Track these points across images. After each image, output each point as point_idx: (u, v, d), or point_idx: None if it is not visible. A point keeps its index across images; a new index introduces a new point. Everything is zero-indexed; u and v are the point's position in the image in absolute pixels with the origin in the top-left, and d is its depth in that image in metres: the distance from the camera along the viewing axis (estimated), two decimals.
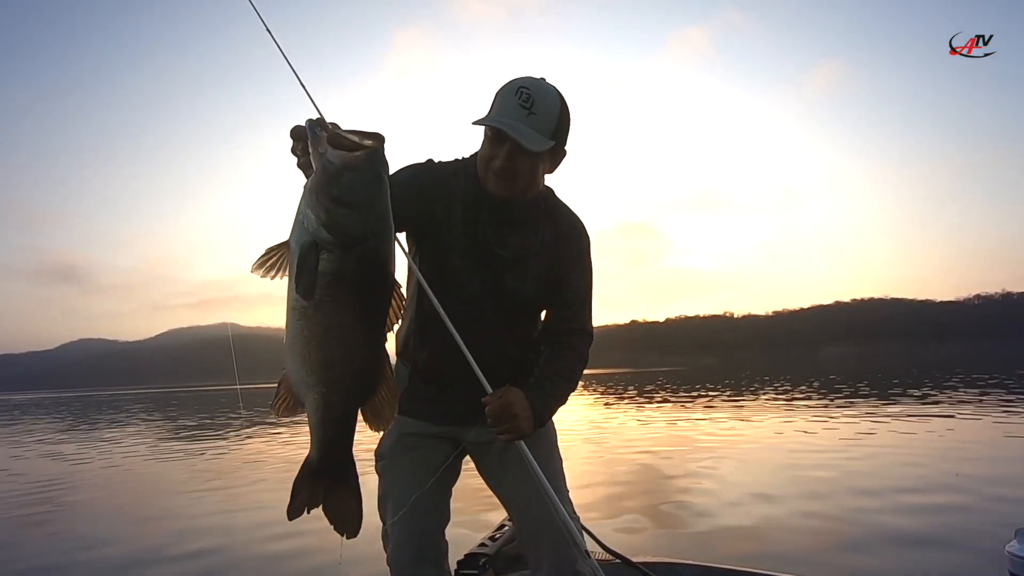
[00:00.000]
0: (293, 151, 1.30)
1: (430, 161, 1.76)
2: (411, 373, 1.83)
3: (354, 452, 1.27)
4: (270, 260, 1.13)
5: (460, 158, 1.76)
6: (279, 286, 1.15)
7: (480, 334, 1.67)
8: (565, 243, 1.77)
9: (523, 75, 1.61)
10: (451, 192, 1.70)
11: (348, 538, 1.30)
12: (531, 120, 1.54)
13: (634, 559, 2.45)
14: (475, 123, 1.60)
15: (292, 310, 1.13)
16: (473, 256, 1.70)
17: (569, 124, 1.64)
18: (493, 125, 1.55)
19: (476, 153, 1.71)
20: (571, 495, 1.83)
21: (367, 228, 1.10)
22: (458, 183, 1.70)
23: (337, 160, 1.07)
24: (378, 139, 1.10)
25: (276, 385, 1.22)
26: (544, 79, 1.62)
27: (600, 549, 2.41)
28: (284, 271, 1.13)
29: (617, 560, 2.42)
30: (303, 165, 1.28)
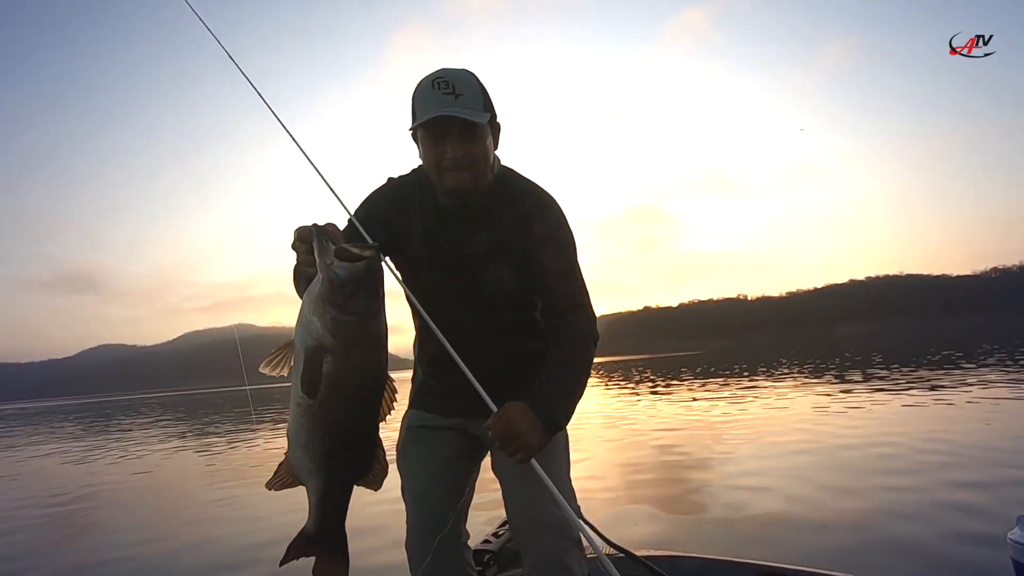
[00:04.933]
0: (295, 249, 1.35)
1: (390, 179, 1.77)
2: (424, 372, 1.90)
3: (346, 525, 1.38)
4: (276, 359, 1.25)
5: (417, 168, 1.74)
6: (290, 285, 1.32)
7: (466, 336, 1.66)
8: (530, 223, 1.69)
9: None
10: (409, 206, 1.70)
11: None
12: (461, 101, 1.53)
13: (638, 552, 2.44)
14: (412, 128, 1.60)
15: (297, 406, 1.24)
16: (438, 264, 1.69)
17: (490, 96, 1.62)
18: (433, 116, 1.52)
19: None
20: (578, 487, 1.79)
21: (367, 334, 1.23)
22: (414, 195, 1.70)
23: (343, 272, 1.19)
24: (375, 249, 1.25)
25: (277, 467, 1.34)
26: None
27: (605, 543, 2.41)
28: (288, 367, 1.26)
29: (621, 554, 2.42)
30: (304, 263, 1.34)
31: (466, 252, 1.68)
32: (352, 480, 1.33)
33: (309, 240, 1.27)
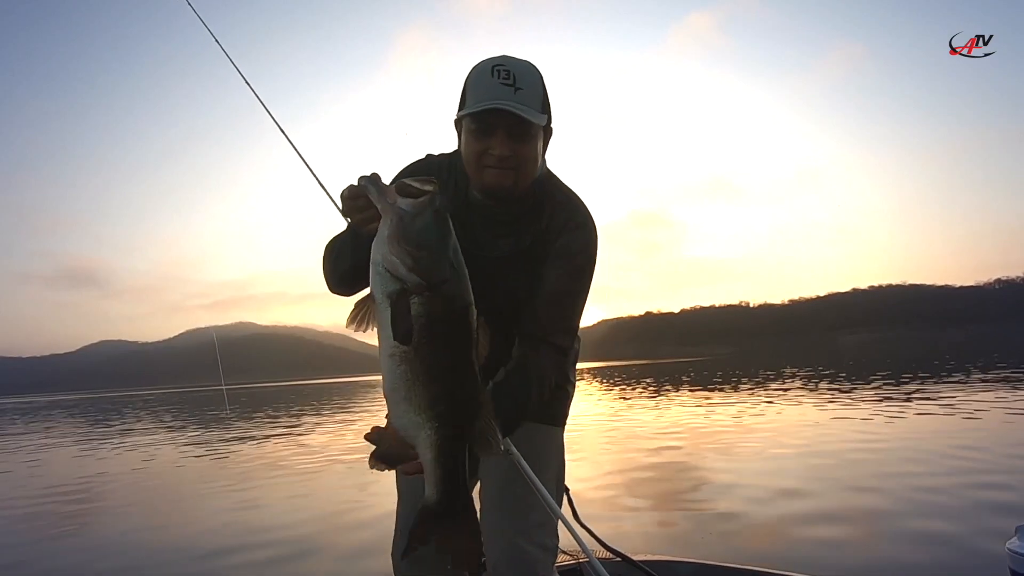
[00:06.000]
0: (347, 209, 1.30)
1: (428, 156, 1.67)
2: None
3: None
4: (359, 315, 1.19)
5: (454, 152, 1.63)
6: (291, 284, 1.27)
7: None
8: (555, 236, 1.57)
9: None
10: None
11: (470, 575, 1.32)
12: (520, 96, 1.40)
13: (635, 557, 2.45)
14: (461, 115, 1.45)
15: (391, 357, 1.18)
16: None
17: (549, 97, 1.50)
18: (488, 107, 1.38)
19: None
20: (576, 490, 1.78)
21: (448, 266, 1.20)
22: (448, 181, 1.58)
23: (410, 207, 1.17)
24: (435, 183, 1.20)
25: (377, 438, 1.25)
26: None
27: (601, 548, 2.41)
28: (373, 323, 1.19)
29: (618, 559, 2.42)
30: (362, 221, 1.29)
31: (485, 255, 1.56)
32: (463, 429, 1.22)
33: (364, 192, 1.23)
